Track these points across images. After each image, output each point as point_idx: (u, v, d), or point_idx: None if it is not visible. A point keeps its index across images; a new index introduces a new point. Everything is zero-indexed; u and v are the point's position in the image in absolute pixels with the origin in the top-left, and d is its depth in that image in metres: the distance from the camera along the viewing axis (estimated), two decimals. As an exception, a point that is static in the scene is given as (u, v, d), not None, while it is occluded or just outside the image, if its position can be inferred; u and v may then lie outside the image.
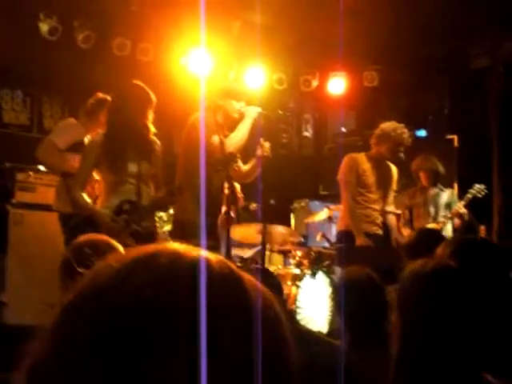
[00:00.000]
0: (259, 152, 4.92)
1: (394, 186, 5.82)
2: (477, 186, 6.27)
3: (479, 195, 6.21)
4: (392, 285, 3.76)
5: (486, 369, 1.72)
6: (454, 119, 8.05)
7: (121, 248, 2.60)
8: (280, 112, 5.86)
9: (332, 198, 7.44)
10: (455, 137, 7.82)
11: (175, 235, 5.13)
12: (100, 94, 5.56)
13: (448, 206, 6.42)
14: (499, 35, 7.45)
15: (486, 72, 7.56)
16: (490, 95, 7.62)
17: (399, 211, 5.97)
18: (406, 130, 5.61)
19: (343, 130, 8.98)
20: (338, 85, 8.12)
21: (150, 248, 0.73)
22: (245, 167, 5.05)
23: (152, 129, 4.52)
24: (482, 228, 6.78)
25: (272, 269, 6.09)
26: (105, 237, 2.68)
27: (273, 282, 3.00)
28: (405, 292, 1.84)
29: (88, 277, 0.73)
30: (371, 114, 8.69)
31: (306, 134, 9.41)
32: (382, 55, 7.86)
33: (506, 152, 7.40)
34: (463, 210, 6.15)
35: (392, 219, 5.75)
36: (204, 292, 0.67)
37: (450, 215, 6.17)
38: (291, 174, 8.45)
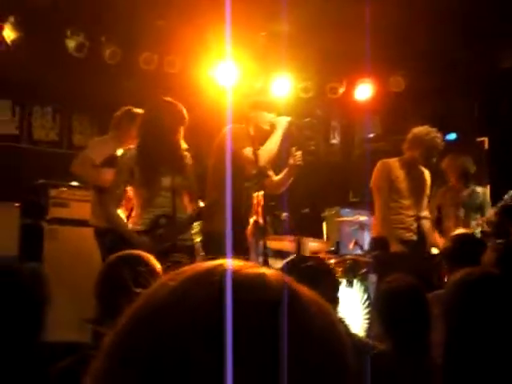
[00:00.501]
0: (291, 161, 4.91)
1: (428, 190, 5.75)
2: (510, 192, 6.19)
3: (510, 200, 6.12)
4: (429, 292, 3.72)
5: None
6: (483, 121, 7.97)
7: (156, 262, 2.60)
8: (307, 120, 5.84)
9: (363, 204, 7.40)
10: (485, 139, 7.74)
11: (205, 246, 5.14)
12: (126, 107, 5.60)
13: (480, 208, 6.33)
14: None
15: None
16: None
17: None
18: (438, 135, 5.55)
19: (370, 135, 8.94)
20: (364, 91, 8.09)
21: (205, 265, 0.72)
22: (277, 178, 5.04)
23: (183, 145, 4.54)
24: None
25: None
26: (140, 252, 2.67)
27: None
28: (451, 300, 1.81)
29: (143, 297, 0.72)
30: (397, 119, 8.65)
31: (334, 141, 9.38)
32: (408, 60, 7.81)
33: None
34: (494, 218, 6.05)
35: (426, 224, 5.68)
36: (264, 309, 0.66)
37: (480, 222, 6.06)
38: (320, 182, 8.42)
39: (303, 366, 0.65)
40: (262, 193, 4.92)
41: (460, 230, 5.68)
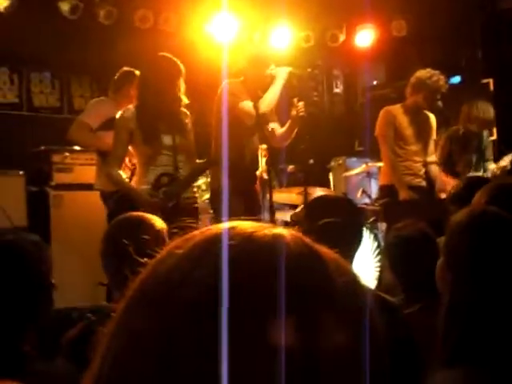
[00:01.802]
0: (293, 112, 4.85)
1: (434, 135, 5.67)
2: None
3: None
4: (440, 237, 3.68)
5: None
6: (488, 63, 7.83)
7: (162, 224, 2.54)
8: (309, 70, 5.74)
9: (369, 153, 7.33)
10: (491, 80, 7.61)
11: (214, 203, 5.13)
12: (125, 68, 5.54)
13: (482, 150, 6.22)
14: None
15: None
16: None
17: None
18: (442, 77, 5.45)
19: (374, 83, 8.82)
20: (365, 37, 7.94)
21: (214, 230, 0.66)
22: (281, 130, 4.98)
23: (185, 100, 4.47)
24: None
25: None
26: (144, 215, 2.61)
27: None
28: (452, 243, 1.76)
29: (149, 268, 0.66)
30: (401, 65, 8.50)
31: (337, 90, 9.27)
32: (410, 3, 7.65)
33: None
34: (509, 166, 5.96)
35: (435, 169, 5.61)
36: (283, 274, 0.61)
37: (495, 169, 5.93)
38: (325, 133, 8.33)
39: (327, 327, 0.61)
40: (265, 146, 4.87)
41: (473, 174, 5.64)
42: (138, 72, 5.39)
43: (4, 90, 7.34)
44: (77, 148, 5.95)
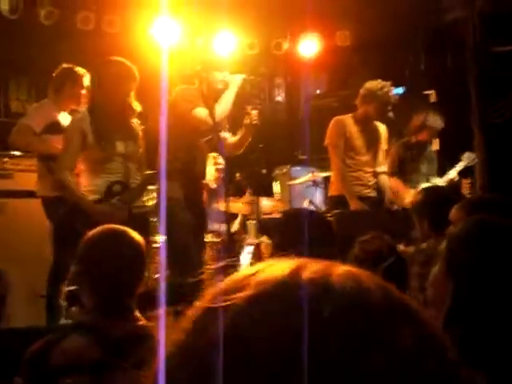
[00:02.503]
0: (247, 121, 4.79)
1: (385, 145, 5.70)
2: (467, 154, 6.23)
3: (470, 164, 6.17)
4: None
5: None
6: (430, 74, 7.95)
7: (141, 239, 2.38)
8: (251, 78, 5.68)
9: (312, 162, 7.33)
10: (433, 92, 7.73)
11: (158, 210, 5.01)
12: (64, 65, 5.31)
13: (432, 160, 6.32)
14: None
15: (461, 24, 7.45)
16: (466, 48, 7.52)
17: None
18: (392, 88, 5.49)
19: (317, 92, 8.84)
20: (310, 46, 7.94)
21: (277, 275, 0.59)
22: (234, 138, 4.90)
23: (137, 107, 4.34)
24: (467, 182, 6.74)
25: (262, 239, 5.98)
26: (126, 229, 2.44)
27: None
28: (454, 252, 1.75)
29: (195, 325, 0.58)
30: (344, 75, 8.56)
31: (279, 98, 9.25)
32: (354, 14, 7.70)
33: (485, 105, 7.34)
34: (456, 178, 6.09)
35: (385, 180, 5.64)
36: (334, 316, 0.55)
37: (447, 181, 6.04)
38: (267, 141, 8.29)
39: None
40: (216, 155, 4.79)
41: (427, 184, 5.68)
42: (79, 70, 5.21)
43: None
44: (17, 153, 5.70)
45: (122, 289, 2.22)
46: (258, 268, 0.61)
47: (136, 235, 2.33)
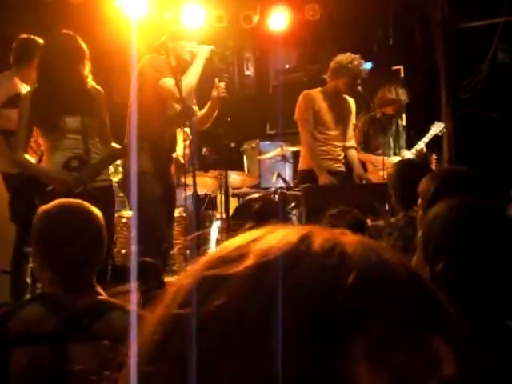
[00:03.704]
0: (214, 93, 4.71)
1: (353, 119, 5.68)
2: (436, 123, 6.25)
3: (439, 133, 6.20)
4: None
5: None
6: (399, 50, 7.94)
7: (100, 217, 2.32)
8: (219, 50, 5.60)
9: (281, 136, 7.30)
10: (401, 67, 7.73)
11: (126, 184, 4.94)
12: (23, 36, 5.15)
13: (399, 134, 6.33)
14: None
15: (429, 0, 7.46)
16: (433, 23, 7.52)
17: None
18: (362, 62, 5.45)
19: (287, 66, 8.77)
20: (279, 20, 7.85)
21: (316, 247, 0.54)
22: (201, 112, 4.82)
23: (90, 82, 4.21)
24: (433, 157, 6.78)
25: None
26: (77, 201, 2.38)
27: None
28: (433, 236, 1.71)
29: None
30: (314, 49, 8.51)
31: (248, 73, 9.16)
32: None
33: (452, 80, 7.36)
34: (425, 149, 6.13)
35: (353, 154, 5.62)
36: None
37: (415, 153, 6.08)
38: (236, 116, 8.23)
39: None
40: (186, 129, 4.72)
41: (397, 158, 5.69)
42: (39, 40, 5.05)
43: None
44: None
45: (79, 263, 2.19)
46: (257, 235, 0.56)
47: (93, 209, 2.28)
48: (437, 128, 6.19)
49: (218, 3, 7.72)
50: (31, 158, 4.31)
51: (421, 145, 6.07)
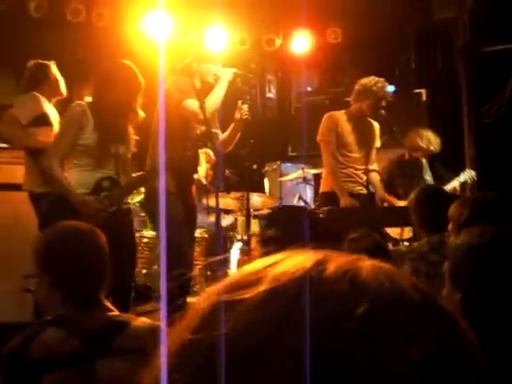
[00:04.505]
0: (237, 115, 4.74)
1: (377, 143, 5.66)
2: (467, 170, 6.19)
3: (468, 181, 6.11)
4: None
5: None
6: (421, 73, 7.94)
7: (103, 237, 2.36)
8: (242, 72, 5.65)
9: (302, 158, 7.30)
10: (423, 91, 7.72)
11: (149, 204, 4.96)
12: (31, 62, 5.34)
13: (422, 177, 6.30)
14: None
15: (451, 23, 7.45)
16: (456, 46, 7.52)
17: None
18: (386, 85, 5.46)
19: (309, 89, 8.81)
20: (301, 43, 7.91)
21: (300, 265, 0.54)
22: (224, 134, 4.84)
23: (141, 113, 4.30)
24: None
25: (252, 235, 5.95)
26: (87, 225, 2.41)
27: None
28: (459, 266, 1.70)
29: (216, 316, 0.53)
30: (335, 72, 8.54)
31: (270, 95, 9.21)
32: (346, 11, 7.67)
33: (475, 104, 7.34)
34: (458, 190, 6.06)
35: (375, 177, 5.60)
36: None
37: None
38: (257, 138, 8.25)
39: None
40: (209, 151, 4.76)
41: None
42: (45, 62, 5.20)
43: None
44: (3, 145, 5.62)
45: (89, 282, 2.22)
46: (273, 260, 0.56)
47: (96, 229, 2.33)
48: (467, 175, 6.12)
49: (240, 26, 7.79)
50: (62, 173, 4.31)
51: (447, 188, 6.01)
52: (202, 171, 4.91)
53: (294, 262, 0.54)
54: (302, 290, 0.51)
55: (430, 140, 6.04)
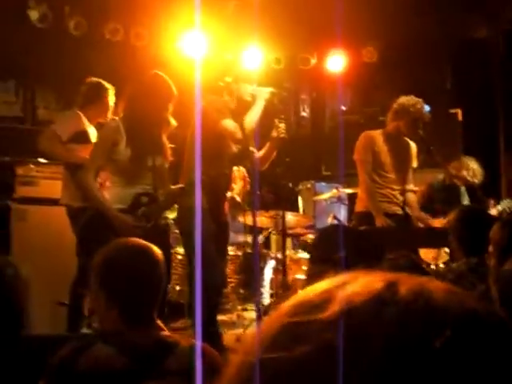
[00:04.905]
0: (274, 134, 4.76)
1: (414, 163, 5.60)
2: (506, 200, 6.13)
3: (507, 210, 6.04)
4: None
5: None
6: (456, 92, 7.90)
7: (160, 254, 2.35)
8: (278, 91, 5.67)
9: (336, 178, 7.29)
10: (459, 111, 7.67)
11: (183, 221, 4.97)
12: (93, 79, 5.35)
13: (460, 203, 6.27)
14: (498, 3, 7.32)
15: (487, 42, 7.41)
16: (491, 66, 7.48)
17: (416, 188, 5.74)
18: (424, 105, 5.42)
19: (343, 108, 8.81)
20: (336, 62, 7.94)
21: (374, 286, 0.54)
22: (260, 153, 4.86)
23: (173, 122, 4.33)
24: (492, 202, 6.65)
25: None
26: (145, 243, 2.40)
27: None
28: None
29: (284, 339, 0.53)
30: (370, 91, 8.53)
31: (303, 114, 9.23)
32: (381, 30, 7.68)
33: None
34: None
35: (412, 198, 5.53)
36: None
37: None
38: (291, 156, 8.27)
39: None
40: (243, 169, 4.78)
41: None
42: (106, 84, 5.25)
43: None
44: (42, 160, 5.72)
45: (144, 300, 2.21)
46: (341, 280, 0.56)
47: (154, 247, 2.32)
48: (506, 204, 6.04)
49: (276, 46, 7.85)
50: (98, 188, 4.34)
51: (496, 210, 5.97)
52: (237, 189, 4.93)
53: (364, 282, 0.55)
54: (378, 310, 0.51)
55: (475, 172, 6.02)
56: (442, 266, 3.72)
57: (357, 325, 0.50)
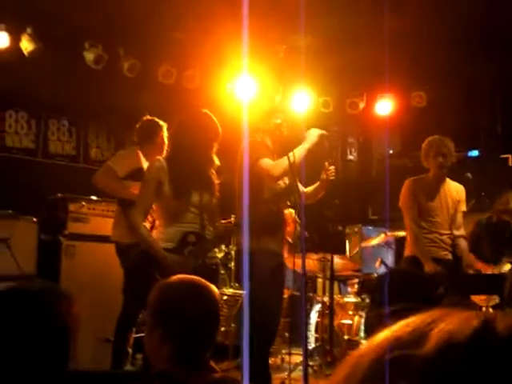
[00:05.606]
0: (324, 176, 4.76)
1: (463, 207, 5.53)
2: None
3: None
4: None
5: None
6: (507, 137, 7.81)
7: (218, 293, 2.32)
8: (327, 134, 5.68)
9: (383, 222, 7.23)
10: (510, 156, 7.58)
11: (239, 263, 4.97)
12: (148, 117, 5.45)
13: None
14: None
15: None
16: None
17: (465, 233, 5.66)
18: (445, 140, 5.48)
19: (390, 151, 8.79)
20: (385, 106, 7.95)
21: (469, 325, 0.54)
22: (307, 189, 4.84)
23: (216, 161, 4.36)
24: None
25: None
26: (204, 281, 2.35)
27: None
28: None
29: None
30: (418, 135, 8.49)
31: (351, 157, 9.24)
32: (431, 75, 7.68)
33: None
34: None
35: (463, 244, 5.45)
36: None
37: None
38: (338, 199, 8.24)
39: None
40: (293, 211, 4.76)
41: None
42: (160, 122, 5.33)
43: (20, 135, 7.26)
44: (94, 198, 5.82)
45: (200, 340, 2.17)
46: (433, 317, 0.56)
47: (213, 286, 2.28)
48: None
49: (325, 89, 7.90)
50: (147, 228, 4.38)
51: None
52: (289, 231, 4.92)
53: (459, 320, 0.55)
54: (477, 346, 0.51)
55: None
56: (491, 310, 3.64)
57: (458, 358, 0.50)
